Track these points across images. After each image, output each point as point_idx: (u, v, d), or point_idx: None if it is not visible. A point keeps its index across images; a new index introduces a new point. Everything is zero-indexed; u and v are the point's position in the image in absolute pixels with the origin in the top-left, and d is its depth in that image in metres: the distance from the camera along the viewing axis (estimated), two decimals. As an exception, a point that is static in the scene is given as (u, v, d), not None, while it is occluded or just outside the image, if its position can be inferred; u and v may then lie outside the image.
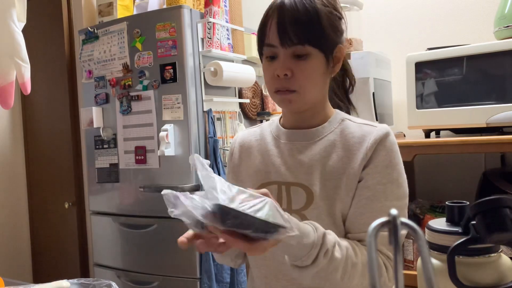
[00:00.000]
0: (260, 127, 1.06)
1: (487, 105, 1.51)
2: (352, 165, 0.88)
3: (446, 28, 2.08)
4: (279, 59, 0.87)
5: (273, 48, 0.87)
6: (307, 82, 0.87)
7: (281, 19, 0.85)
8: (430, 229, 0.69)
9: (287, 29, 0.84)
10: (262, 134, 1.02)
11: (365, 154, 0.87)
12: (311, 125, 0.95)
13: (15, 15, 1.30)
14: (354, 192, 0.87)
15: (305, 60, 0.86)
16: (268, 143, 0.99)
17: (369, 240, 0.41)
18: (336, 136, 0.92)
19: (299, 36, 0.84)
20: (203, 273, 1.94)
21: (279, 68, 0.86)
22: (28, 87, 1.37)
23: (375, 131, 0.89)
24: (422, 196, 1.87)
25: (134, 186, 2.14)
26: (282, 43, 0.85)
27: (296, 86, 0.87)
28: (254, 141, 1.02)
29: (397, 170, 0.88)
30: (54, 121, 2.83)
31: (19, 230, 2.98)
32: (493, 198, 0.60)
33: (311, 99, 0.90)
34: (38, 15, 2.70)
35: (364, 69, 1.79)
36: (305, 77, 0.87)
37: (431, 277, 0.39)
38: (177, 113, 1.99)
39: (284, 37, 0.85)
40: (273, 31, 0.86)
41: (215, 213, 0.61)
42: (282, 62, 0.86)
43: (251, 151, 1.01)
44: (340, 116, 0.96)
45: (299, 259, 0.74)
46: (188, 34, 1.98)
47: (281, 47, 0.86)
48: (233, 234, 0.63)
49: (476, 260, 0.64)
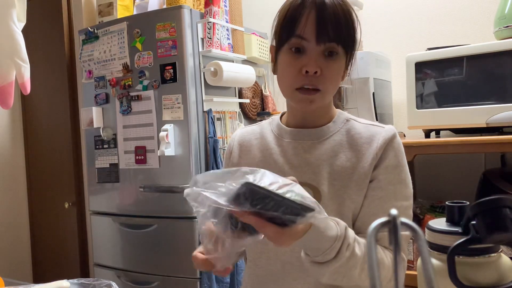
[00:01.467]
0: (259, 125, 1.05)
1: (487, 105, 1.51)
2: (362, 164, 0.88)
3: (446, 28, 2.08)
4: (309, 54, 0.84)
5: (304, 41, 0.84)
6: (331, 83, 0.86)
7: (321, 14, 0.82)
8: (430, 229, 0.69)
9: (327, 25, 0.82)
10: (262, 132, 1.01)
11: (375, 154, 0.88)
12: (316, 125, 0.94)
13: (15, 15, 1.30)
14: (365, 191, 0.87)
15: (334, 60, 0.85)
16: (269, 142, 0.97)
17: (369, 240, 0.41)
18: (342, 136, 0.92)
19: (336, 34, 0.82)
20: (203, 273, 1.94)
21: (311, 65, 0.83)
22: (28, 87, 1.37)
23: (384, 132, 0.90)
24: (422, 196, 1.87)
25: (134, 186, 2.14)
26: (319, 38, 0.82)
27: (323, 86, 0.85)
28: (253, 140, 1.01)
29: (404, 170, 0.90)
30: (54, 121, 2.83)
31: (19, 230, 2.98)
32: (493, 198, 0.60)
33: (328, 100, 0.91)
34: (38, 15, 2.70)
35: (364, 69, 1.79)
36: (332, 77, 0.86)
37: (431, 277, 0.39)
38: (177, 113, 1.99)
39: (323, 33, 0.82)
40: (310, 24, 0.83)
41: (244, 193, 0.57)
42: (314, 59, 0.83)
43: (251, 149, 1.00)
44: (343, 116, 0.96)
45: (322, 253, 0.73)
46: (188, 34, 1.98)
47: (315, 42, 0.83)
48: (260, 219, 0.60)
49: (476, 260, 0.64)
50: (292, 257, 0.90)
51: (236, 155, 1.02)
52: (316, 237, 0.71)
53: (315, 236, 0.71)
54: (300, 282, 0.89)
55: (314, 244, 0.73)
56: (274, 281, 0.92)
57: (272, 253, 0.92)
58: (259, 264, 0.95)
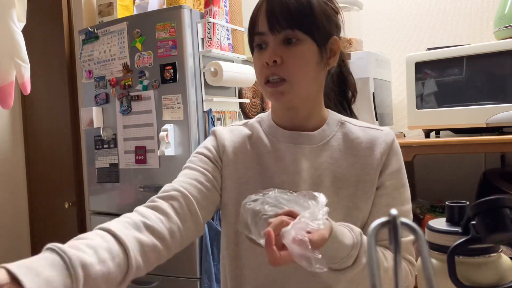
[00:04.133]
0: (246, 125, 0.97)
1: (487, 105, 1.51)
2: (367, 171, 0.86)
3: (446, 28, 2.08)
4: (269, 46, 0.83)
5: (263, 36, 0.84)
6: (297, 70, 0.82)
7: (270, 6, 0.82)
8: (430, 229, 0.69)
9: (277, 14, 0.81)
10: (254, 133, 0.94)
11: (380, 159, 0.87)
12: (308, 126, 0.90)
13: (15, 15, 1.30)
14: (373, 199, 0.86)
15: (296, 46, 0.82)
16: (264, 145, 0.91)
17: (369, 240, 0.41)
18: (340, 141, 0.89)
19: (288, 20, 0.81)
20: (203, 273, 1.94)
21: (268, 55, 0.82)
22: (28, 87, 1.37)
23: (384, 136, 0.89)
24: (422, 196, 1.87)
25: (134, 186, 2.14)
26: (271, 28, 0.82)
27: (286, 73, 0.82)
28: (247, 140, 0.93)
29: (404, 174, 0.90)
30: (54, 121, 2.83)
31: (19, 230, 2.98)
32: (493, 198, 0.60)
33: (304, 91, 0.85)
34: (38, 15, 2.70)
35: (364, 69, 1.79)
36: (295, 63, 0.82)
37: (431, 277, 0.39)
38: (177, 113, 1.99)
39: (273, 22, 0.81)
40: (262, 18, 0.83)
41: None
42: (272, 48, 0.82)
43: (246, 150, 0.92)
44: (336, 118, 0.93)
45: (339, 261, 0.72)
46: (188, 34, 1.98)
47: (270, 34, 0.82)
48: None
49: (476, 260, 0.64)
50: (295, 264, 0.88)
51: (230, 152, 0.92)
52: (332, 246, 0.71)
53: (332, 245, 0.70)
54: None
55: (331, 253, 0.72)
56: None
57: None
58: (261, 272, 0.90)
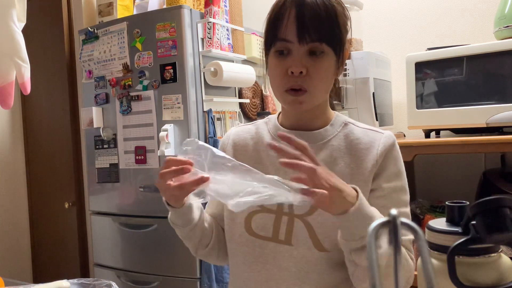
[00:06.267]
0: (255, 124, 1.02)
1: (487, 105, 1.51)
2: (362, 171, 0.87)
3: (446, 28, 2.08)
4: (294, 55, 0.83)
5: (287, 43, 0.83)
6: (320, 82, 0.84)
7: (301, 14, 0.81)
8: (430, 229, 0.69)
9: (307, 24, 0.80)
10: (259, 132, 0.98)
11: (376, 161, 0.87)
12: (313, 126, 0.92)
13: (15, 15, 1.30)
14: (369, 200, 0.86)
15: (321, 58, 0.83)
16: (266, 142, 0.95)
17: (369, 240, 0.41)
18: (341, 141, 0.91)
19: (318, 33, 0.81)
20: (203, 273, 1.94)
21: (295, 65, 0.82)
22: (28, 87, 1.37)
23: (383, 138, 0.89)
24: (422, 196, 1.87)
25: (134, 186, 2.14)
26: (300, 39, 0.81)
27: (310, 85, 0.83)
28: (249, 139, 0.98)
29: (404, 177, 0.90)
30: (54, 121, 2.83)
31: (19, 230, 2.98)
32: (493, 198, 0.60)
33: (319, 100, 0.88)
34: (38, 15, 2.70)
35: (364, 69, 1.79)
36: (319, 75, 0.84)
37: (431, 277, 0.39)
38: (177, 113, 1.99)
39: (303, 32, 0.81)
40: (290, 25, 0.82)
41: None
42: (299, 59, 0.82)
43: (246, 149, 0.97)
44: (341, 119, 0.95)
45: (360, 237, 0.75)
46: (188, 34, 1.98)
47: (298, 43, 0.82)
48: None
49: (476, 260, 0.64)
50: (289, 262, 0.87)
51: (230, 155, 0.97)
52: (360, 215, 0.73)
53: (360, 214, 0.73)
54: None
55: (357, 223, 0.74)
56: (275, 286, 0.89)
57: (270, 257, 0.89)
58: (256, 268, 0.91)
